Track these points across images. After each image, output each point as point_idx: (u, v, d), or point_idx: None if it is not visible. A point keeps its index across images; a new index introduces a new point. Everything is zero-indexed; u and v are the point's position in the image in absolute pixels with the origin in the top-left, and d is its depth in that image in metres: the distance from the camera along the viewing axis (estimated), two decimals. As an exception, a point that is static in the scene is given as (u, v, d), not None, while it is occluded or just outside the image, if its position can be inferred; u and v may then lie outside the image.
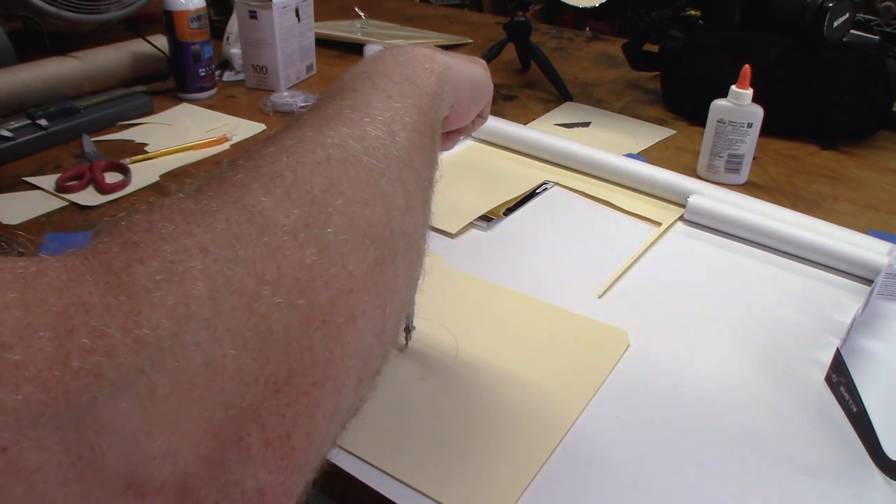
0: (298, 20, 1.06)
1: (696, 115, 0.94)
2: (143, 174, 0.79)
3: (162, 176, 0.79)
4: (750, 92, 0.76)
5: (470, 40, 1.33)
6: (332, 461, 0.44)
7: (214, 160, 0.84)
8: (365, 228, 0.27)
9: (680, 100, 1.00)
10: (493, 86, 0.47)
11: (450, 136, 0.49)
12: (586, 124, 0.96)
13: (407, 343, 0.53)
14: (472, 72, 0.43)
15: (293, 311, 0.23)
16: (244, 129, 0.92)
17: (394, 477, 0.43)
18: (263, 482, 0.22)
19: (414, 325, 0.53)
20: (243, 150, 0.29)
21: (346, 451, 0.45)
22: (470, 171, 0.82)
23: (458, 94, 0.41)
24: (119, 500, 0.18)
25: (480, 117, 0.49)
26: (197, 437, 0.20)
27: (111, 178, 0.78)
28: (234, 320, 0.21)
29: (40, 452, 0.17)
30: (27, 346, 0.17)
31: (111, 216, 0.24)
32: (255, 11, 1.00)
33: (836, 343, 0.54)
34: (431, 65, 0.38)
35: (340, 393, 0.25)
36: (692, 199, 0.72)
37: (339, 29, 1.29)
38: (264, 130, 0.92)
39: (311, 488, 0.27)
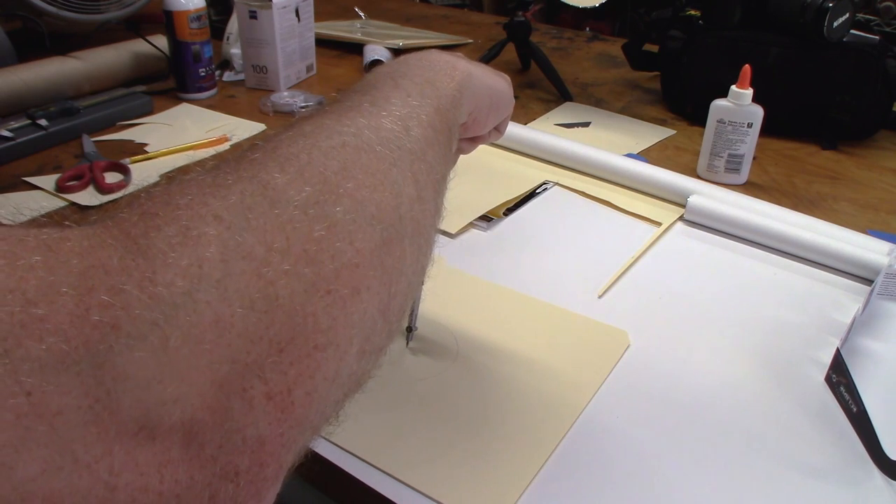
0: (298, 20, 1.06)
1: (696, 115, 0.94)
2: (143, 174, 0.79)
3: (162, 176, 0.79)
4: (750, 92, 0.76)
5: (470, 40, 1.33)
6: (333, 461, 0.44)
7: (214, 160, 0.84)
8: (373, 210, 0.28)
9: (680, 100, 1.00)
10: (514, 101, 0.48)
11: (468, 143, 0.50)
12: (586, 124, 0.96)
13: (408, 342, 0.53)
14: (494, 83, 0.44)
15: (299, 279, 0.24)
16: (244, 129, 0.92)
17: (394, 477, 0.43)
18: (264, 432, 0.23)
19: (416, 325, 0.53)
20: (264, 136, 0.31)
21: (346, 451, 0.45)
22: (470, 171, 0.82)
23: (477, 102, 0.42)
24: (132, 441, 0.20)
25: (497, 130, 0.50)
26: (204, 387, 0.21)
27: (111, 178, 0.78)
28: (243, 282, 0.23)
29: (62, 396, 0.18)
30: (51, 303, 0.19)
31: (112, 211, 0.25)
32: (255, 11, 1.00)
33: (836, 343, 0.54)
34: (452, 71, 0.40)
35: (341, 359, 0.26)
36: (692, 199, 0.72)
37: (339, 29, 1.29)
38: (264, 130, 0.92)
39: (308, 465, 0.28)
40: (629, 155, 0.85)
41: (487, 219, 0.72)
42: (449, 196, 0.78)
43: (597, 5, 0.98)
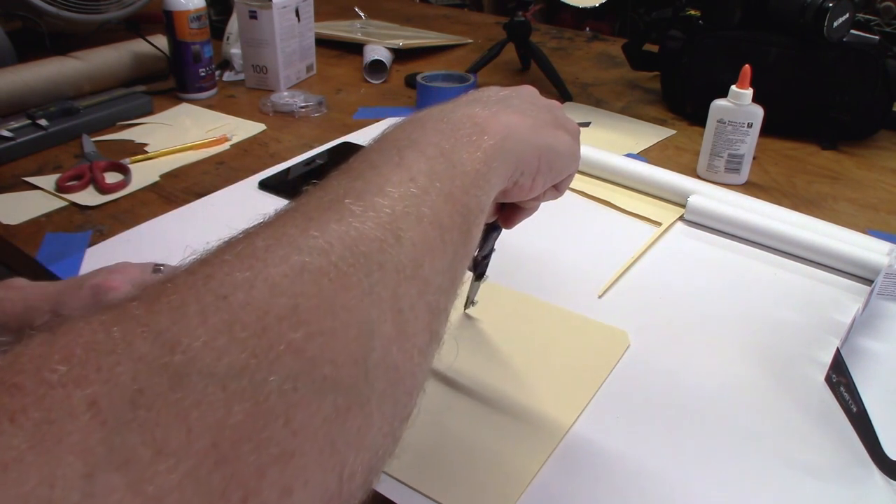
0: (298, 20, 1.06)
1: (696, 115, 0.94)
2: (143, 174, 0.79)
3: (162, 176, 0.79)
4: (750, 92, 0.76)
5: (470, 40, 1.33)
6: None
7: (214, 160, 0.84)
8: (327, 370, 0.22)
9: (680, 100, 1.00)
10: (578, 156, 0.40)
11: (513, 214, 0.43)
12: (586, 124, 0.96)
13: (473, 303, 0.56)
14: (548, 140, 0.36)
15: (199, 491, 0.18)
16: (244, 129, 0.92)
17: (394, 477, 0.43)
18: None
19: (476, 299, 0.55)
20: (221, 241, 0.24)
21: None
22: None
23: (518, 165, 0.35)
24: None
25: (556, 189, 0.42)
26: None
27: (111, 178, 0.78)
28: None
29: None
30: None
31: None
32: (255, 11, 1.00)
33: (836, 343, 0.54)
34: (481, 137, 0.32)
35: None
36: (692, 199, 0.72)
37: (339, 29, 1.29)
38: (264, 130, 0.92)
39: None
40: (629, 155, 0.85)
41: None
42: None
43: (597, 5, 0.98)
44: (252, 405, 0.20)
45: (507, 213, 0.44)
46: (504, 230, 0.47)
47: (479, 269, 0.52)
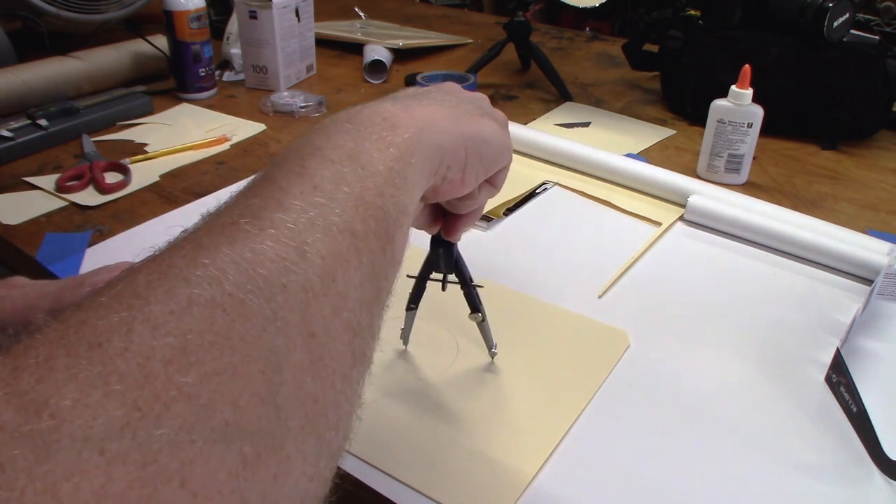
0: (298, 20, 1.06)
1: (696, 115, 0.94)
2: (143, 174, 0.79)
3: (162, 176, 0.79)
4: (750, 92, 0.76)
5: (470, 40, 1.33)
6: (332, 461, 0.44)
7: (214, 160, 0.84)
8: (227, 414, 0.19)
9: (680, 100, 1.00)
10: (510, 146, 0.38)
11: (454, 223, 0.41)
12: (586, 124, 0.96)
13: (406, 342, 0.53)
14: (473, 128, 0.34)
15: None
16: (244, 129, 0.92)
17: (394, 477, 0.43)
18: None
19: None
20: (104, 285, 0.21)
21: (345, 451, 0.45)
22: (470, 171, 0.82)
23: (443, 158, 0.32)
24: None
25: (491, 184, 0.39)
26: None
27: (111, 178, 0.78)
28: None
29: None
30: None
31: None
32: (255, 11, 1.00)
33: (836, 343, 0.54)
34: (392, 133, 0.29)
35: None
36: (692, 199, 0.72)
37: (339, 29, 1.29)
38: (264, 130, 0.92)
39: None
40: (629, 155, 0.85)
41: (487, 219, 0.72)
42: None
43: (597, 5, 0.98)
44: (137, 468, 0.17)
45: (448, 222, 0.42)
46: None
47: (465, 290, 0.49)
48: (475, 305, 0.50)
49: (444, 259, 0.46)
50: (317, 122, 0.95)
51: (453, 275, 0.48)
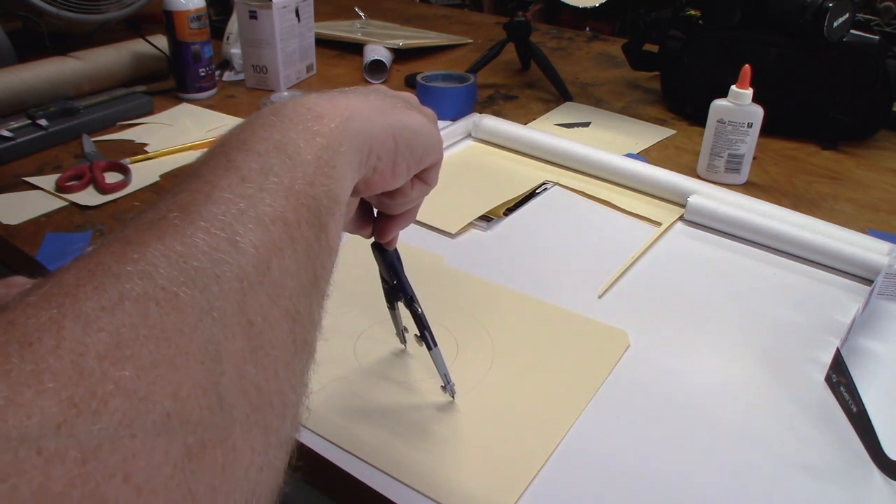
0: (298, 20, 1.06)
1: (696, 115, 0.94)
2: (143, 174, 0.79)
3: (162, 176, 0.79)
4: (750, 92, 0.76)
5: (470, 40, 1.33)
6: (333, 461, 0.44)
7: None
8: (168, 406, 0.19)
9: (680, 100, 1.00)
10: (440, 140, 0.37)
11: (387, 225, 0.40)
12: (586, 124, 0.96)
13: (405, 343, 0.53)
14: (401, 119, 0.34)
15: None
16: (244, 129, 0.92)
17: (394, 477, 0.43)
18: None
19: (406, 327, 0.52)
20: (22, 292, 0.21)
21: (346, 451, 0.45)
22: (470, 171, 0.82)
23: (372, 148, 0.32)
24: None
25: (422, 181, 0.38)
26: None
27: (111, 178, 0.78)
28: None
29: None
30: None
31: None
32: (255, 11, 1.00)
33: (836, 343, 0.54)
34: (318, 122, 0.29)
35: None
36: (692, 199, 0.72)
37: (339, 29, 1.29)
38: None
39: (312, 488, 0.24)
40: (629, 155, 0.85)
41: (487, 219, 0.72)
42: (449, 196, 0.76)
43: (597, 5, 0.98)
44: (77, 465, 0.17)
45: (381, 225, 0.41)
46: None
47: (402, 297, 0.46)
48: (420, 326, 0.45)
49: (381, 268, 0.44)
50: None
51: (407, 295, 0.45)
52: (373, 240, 0.43)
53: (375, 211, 0.41)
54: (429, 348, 0.46)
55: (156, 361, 0.19)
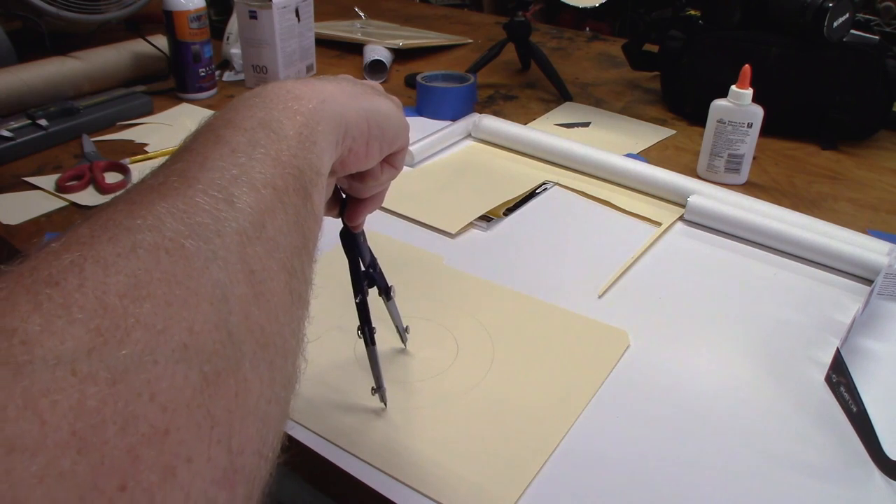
0: (298, 20, 1.06)
1: (696, 115, 0.94)
2: (143, 174, 0.79)
3: None
4: (750, 92, 0.76)
5: (470, 40, 1.33)
6: (333, 461, 0.44)
7: None
8: (184, 338, 0.21)
9: (680, 100, 1.00)
10: (407, 126, 0.39)
11: (356, 208, 0.42)
12: (586, 124, 0.96)
13: (405, 342, 0.53)
14: (371, 104, 0.36)
15: (66, 483, 0.17)
16: (244, 129, 0.92)
17: (394, 477, 0.43)
18: None
19: (407, 326, 0.52)
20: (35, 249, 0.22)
21: (346, 451, 0.45)
22: (470, 171, 0.82)
23: (347, 129, 0.34)
24: None
25: (391, 165, 0.40)
26: None
27: (111, 178, 0.78)
28: None
29: None
30: None
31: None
32: (255, 11, 1.00)
33: (836, 343, 0.54)
34: (297, 102, 0.31)
35: None
36: (692, 199, 0.72)
37: (339, 29, 1.29)
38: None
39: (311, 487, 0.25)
40: (629, 155, 0.85)
41: (487, 219, 0.72)
42: (449, 196, 0.76)
43: (597, 5, 0.98)
44: (108, 385, 0.18)
45: (350, 208, 0.43)
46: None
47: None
48: (363, 319, 0.46)
49: (352, 254, 0.45)
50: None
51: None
52: (341, 228, 0.44)
53: (344, 196, 0.43)
54: (366, 344, 0.46)
55: (170, 301, 0.21)
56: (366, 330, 0.46)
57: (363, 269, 0.46)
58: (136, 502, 0.18)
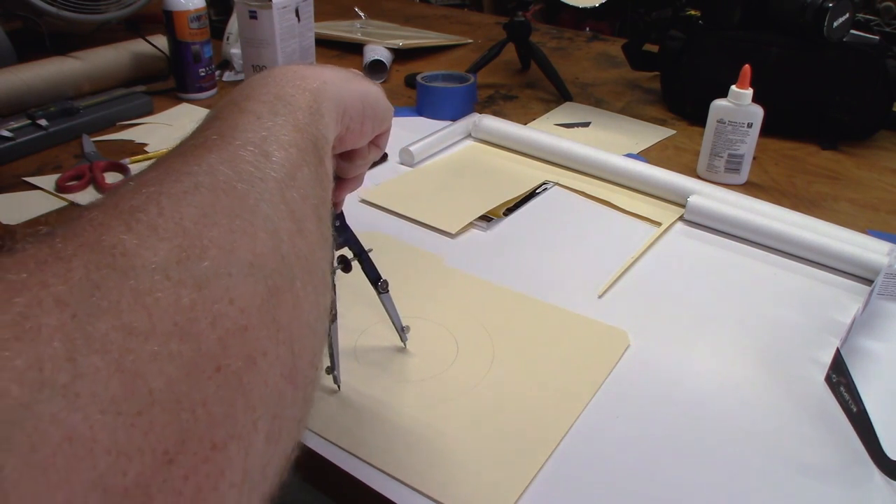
0: (298, 20, 1.06)
1: (696, 115, 0.94)
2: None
3: None
4: (750, 92, 0.76)
5: (470, 40, 1.33)
6: (333, 461, 0.44)
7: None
8: (250, 258, 0.24)
9: (680, 100, 1.00)
10: (392, 109, 0.43)
11: (339, 187, 0.45)
12: (586, 124, 0.96)
13: (405, 342, 0.53)
14: (363, 87, 0.40)
15: (175, 362, 0.20)
16: (244, 129, 0.92)
17: (394, 477, 0.43)
18: None
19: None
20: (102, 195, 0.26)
21: (346, 451, 0.45)
22: (470, 171, 0.82)
23: (346, 109, 0.37)
24: None
25: (376, 145, 0.44)
26: None
27: (111, 178, 0.78)
28: (100, 383, 0.18)
29: None
30: None
31: None
32: (255, 11, 1.00)
33: (836, 343, 0.54)
34: (303, 81, 0.35)
35: (248, 454, 0.22)
36: (692, 199, 0.72)
37: (339, 29, 1.29)
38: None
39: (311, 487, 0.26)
40: (629, 155, 0.85)
41: (487, 219, 0.72)
42: (449, 196, 0.77)
43: (597, 5, 0.98)
44: (196, 290, 0.22)
45: (334, 188, 0.44)
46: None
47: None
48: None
49: (340, 228, 0.48)
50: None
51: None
52: None
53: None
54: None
55: (233, 228, 0.24)
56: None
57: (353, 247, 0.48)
58: (229, 381, 0.21)
